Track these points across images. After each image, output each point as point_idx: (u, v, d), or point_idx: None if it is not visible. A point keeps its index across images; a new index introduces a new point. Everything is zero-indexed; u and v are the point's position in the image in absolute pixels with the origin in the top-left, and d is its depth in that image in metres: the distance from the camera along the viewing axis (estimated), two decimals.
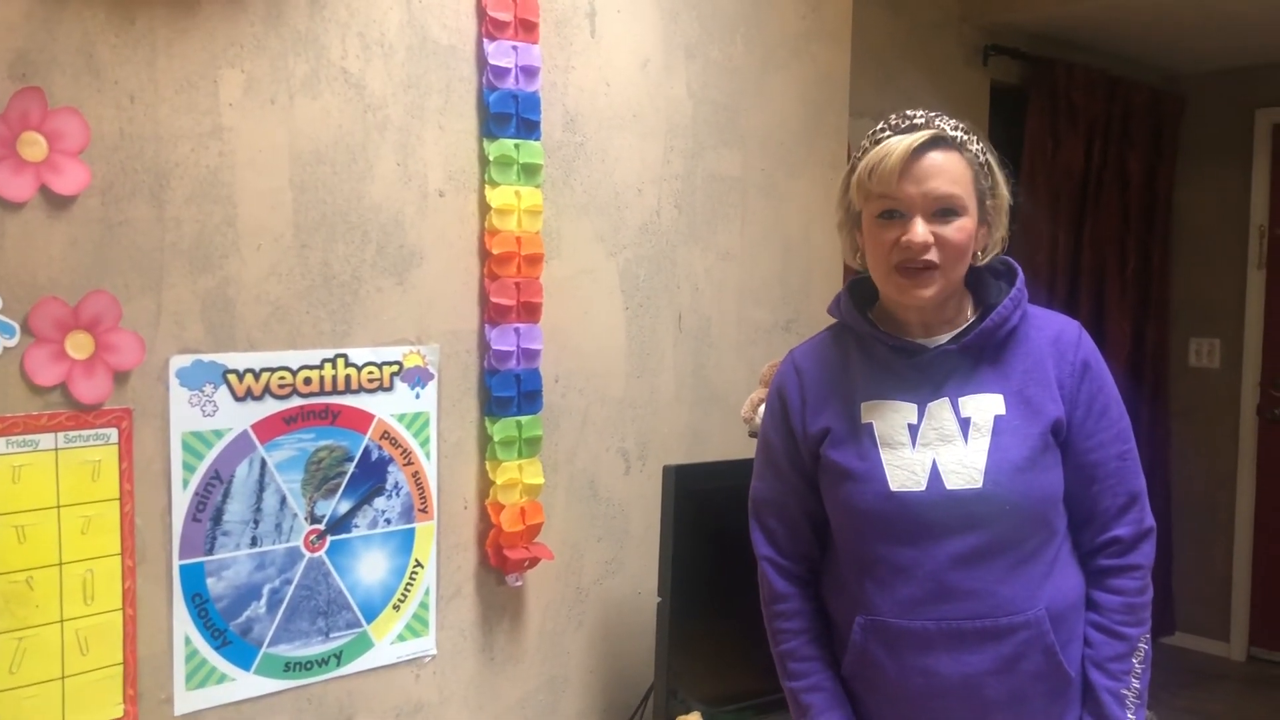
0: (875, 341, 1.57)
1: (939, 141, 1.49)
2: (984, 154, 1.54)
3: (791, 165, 2.51)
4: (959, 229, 1.48)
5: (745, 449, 2.38)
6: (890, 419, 1.52)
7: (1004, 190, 1.56)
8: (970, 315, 1.57)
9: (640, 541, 2.25)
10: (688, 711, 2.04)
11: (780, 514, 1.62)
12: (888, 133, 1.50)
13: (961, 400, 1.52)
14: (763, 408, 2.11)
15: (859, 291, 1.62)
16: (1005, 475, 1.48)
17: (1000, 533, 1.48)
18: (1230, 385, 4.60)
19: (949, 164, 1.49)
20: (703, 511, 2.03)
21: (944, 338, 1.55)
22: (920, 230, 1.47)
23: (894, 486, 1.50)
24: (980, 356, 1.54)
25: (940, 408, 1.52)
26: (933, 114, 1.53)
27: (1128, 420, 1.58)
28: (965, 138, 1.52)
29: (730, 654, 2.17)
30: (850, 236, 1.60)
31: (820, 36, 2.55)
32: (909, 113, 1.52)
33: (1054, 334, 1.56)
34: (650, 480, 2.22)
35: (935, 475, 1.49)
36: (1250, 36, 4.01)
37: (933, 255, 1.48)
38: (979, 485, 1.48)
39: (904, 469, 1.50)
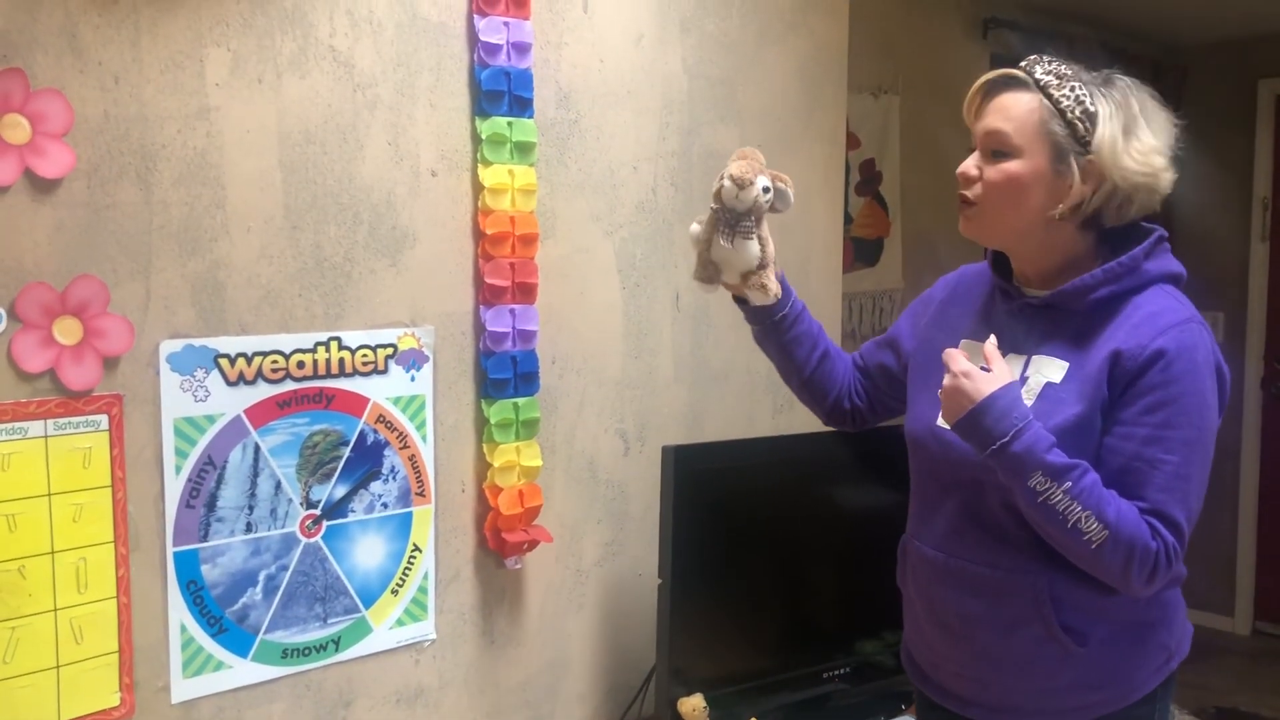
0: (995, 284, 1.61)
1: (1012, 81, 1.47)
2: (1082, 103, 1.43)
3: (789, 141, 2.47)
4: (1000, 170, 1.47)
5: (744, 429, 2.37)
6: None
7: (1110, 150, 1.44)
8: None
9: (640, 523, 2.23)
10: (690, 693, 2.03)
11: (878, 342, 1.83)
12: None
13: (1035, 358, 1.51)
14: (694, 225, 1.85)
15: None
16: None
17: (1007, 496, 1.47)
18: (1234, 359, 4.53)
19: (1013, 104, 1.46)
20: (703, 492, 2.01)
21: (1045, 293, 1.53)
22: (969, 161, 1.50)
23: (939, 422, 1.54)
24: (1066, 320, 1.49)
25: (1013, 360, 1.52)
26: (1057, 62, 1.47)
27: (1199, 446, 1.43)
28: (1054, 81, 1.44)
29: (732, 635, 2.16)
30: None
31: (817, 9, 2.52)
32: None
33: (1146, 317, 1.46)
34: (649, 461, 2.20)
35: None
36: (1251, 6, 3.97)
37: (972, 191, 1.49)
38: None
39: None
